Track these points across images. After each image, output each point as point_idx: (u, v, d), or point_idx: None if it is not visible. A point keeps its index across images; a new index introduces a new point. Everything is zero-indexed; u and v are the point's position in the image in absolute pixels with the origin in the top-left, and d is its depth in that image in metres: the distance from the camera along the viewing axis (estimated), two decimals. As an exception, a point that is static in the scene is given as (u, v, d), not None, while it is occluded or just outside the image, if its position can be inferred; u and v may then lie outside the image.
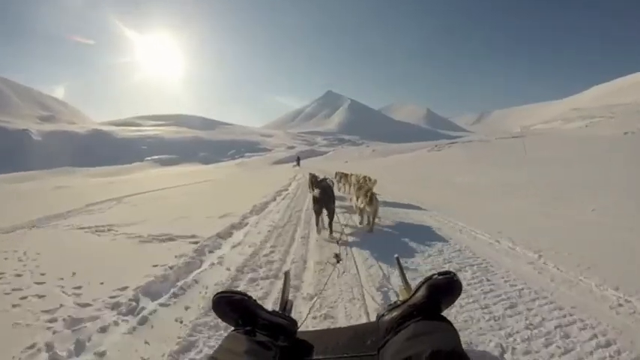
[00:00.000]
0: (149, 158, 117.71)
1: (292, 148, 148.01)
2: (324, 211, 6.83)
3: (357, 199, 7.41)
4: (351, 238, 6.37)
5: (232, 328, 1.48)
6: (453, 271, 1.49)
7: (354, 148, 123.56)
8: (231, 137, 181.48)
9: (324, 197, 6.78)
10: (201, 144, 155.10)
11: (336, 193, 8.77)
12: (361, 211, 7.35)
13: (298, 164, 46.77)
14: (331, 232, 6.59)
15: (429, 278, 1.45)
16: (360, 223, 7.47)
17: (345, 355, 1.38)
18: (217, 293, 1.55)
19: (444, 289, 1.42)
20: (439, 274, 1.46)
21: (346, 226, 7.36)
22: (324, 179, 9.18)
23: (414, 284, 1.65)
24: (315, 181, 9.89)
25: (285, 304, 1.90)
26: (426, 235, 6.32)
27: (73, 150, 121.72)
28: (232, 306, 1.51)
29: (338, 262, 4.13)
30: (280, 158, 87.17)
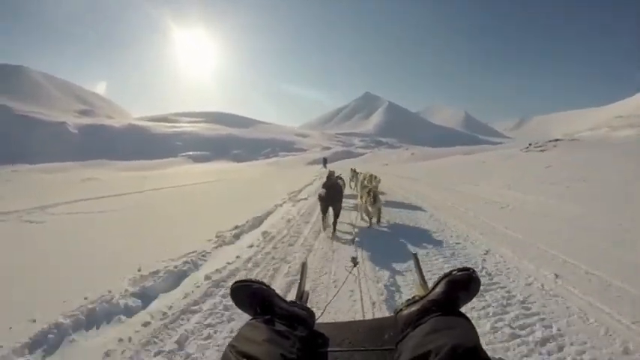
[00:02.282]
0: (183, 154, 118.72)
1: (328, 149, 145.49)
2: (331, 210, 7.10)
3: (361, 198, 7.95)
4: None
5: (250, 317, 1.47)
6: (472, 267, 1.49)
7: (392, 150, 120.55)
8: (267, 136, 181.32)
9: (329, 196, 7.00)
10: (236, 142, 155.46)
11: (349, 191, 9.47)
12: (366, 211, 7.81)
13: (325, 166, 47.43)
14: (334, 230, 6.85)
15: (448, 274, 1.46)
16: (362, 219, 8.05)
17: (363, 348, 1.40)
18: (235, 282, 1.56)
19: (463, 285, 1.43)
20: (458, 270, 1.47)
21: (354, 227, 7.48)
22: (334, 176, 9.40)
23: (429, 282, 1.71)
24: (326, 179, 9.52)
25: (302, 295, 1.85)
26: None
27: (108, 144, 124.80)
28: (251, 295, 1.52)
29: (355, 265, 3.47)
30: (315, 159, 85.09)
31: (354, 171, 15.06)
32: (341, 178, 9.72)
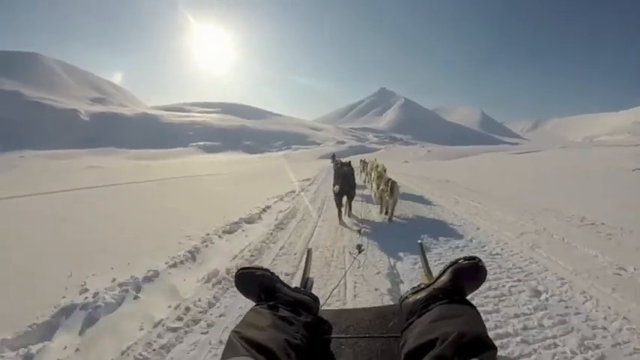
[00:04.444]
0: (193, 144, 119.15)
1: (342, 143, 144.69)
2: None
3: (378, 188, 7.98)
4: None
5: (254, 303, 1.49)
6: (478, 257, 1.48)
7: (407, 147, 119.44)
8: (280, 128, 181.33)
9: (342, 189, 7.21)
10: (248, 133, 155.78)
11: (358, 182, 8.92)
12: (381, 200, 7.84)
13: (333, 162, 46.42)
14: (350, 210, 7.83)
15: (455, 262, 1.46)
16: (380, 212, 7.97)
17: (368, 335, 1.42)
18: (240, 269, 1.56)
19: (469, 273, 1.42)
20: (464, 259, 1.45)
21: (362, 221, 7.39)
22: (346, 164, 8.92)
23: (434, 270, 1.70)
24: (335, 167, 9.05)
25: (306, 282, 1.85)
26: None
27: (119, 132, 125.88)
28: (255, 281, 1.55)
29: (360, 252, 3.73)
30: (327, 152, 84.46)
31: (363, 162, 15.01)
32: (349, 165, 9.38)
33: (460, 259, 1.45)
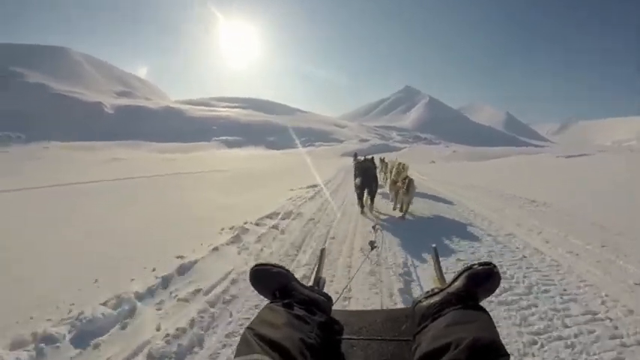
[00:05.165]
0: (216, 139, 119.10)
1: (366, 141, 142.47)
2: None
3: (395, 184, 8.08)
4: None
5: (269, 300, 1.50)
6: (493, 262, 1.49)
7: (431, 147, 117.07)
8: (304, 124, 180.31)
9: (364, 182, 7.81)
10: (271, 129, 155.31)
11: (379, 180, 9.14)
12: (396, 196, 7.98)
13: (355, 160, 46.87)
14: (372, 206, 8.03)
15: (469, 268, 1.47)
16: (394, 208, 8.21)
17: (380, 337, 1.42)
18: (255, 265, 1.58)
19: (484, 279, 1.43)
20: (479, 264, 1.47)
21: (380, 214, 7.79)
22: (369, 160, 9.26)
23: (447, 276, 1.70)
24: (357, 164, 9.27)
25: (319, 281, 1.86)
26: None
27: (143, 125, 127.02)
28: (270, 278, 1.55)
29: (373, 249, 3.75)
30: (350, 150, 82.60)
31: (382, 161, 14.93)
32: (372, 161, 9.57)
33: (475, 264, 1.45)
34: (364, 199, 8.02)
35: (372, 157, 9.66)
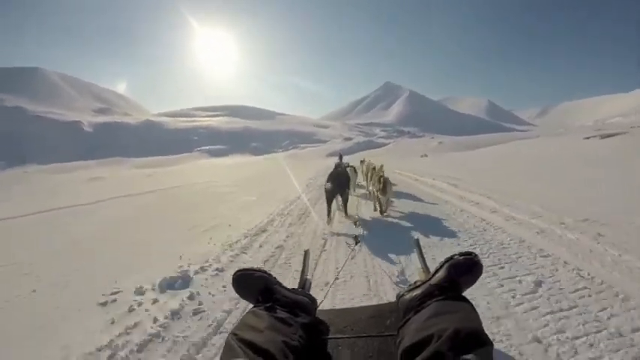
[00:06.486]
0: (198, 149, 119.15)
1: (349, 139, 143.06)
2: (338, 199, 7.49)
3: (373, 186, 8.12)
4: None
5: (252, 305, 1.52)
6: (474, 252, 1.51)
7: (416, 140, 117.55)
8: (285, 127, 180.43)
9: (334, 188, 7.10)
10: (254, 134, 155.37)
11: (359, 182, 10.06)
12: (375, 198, 7.90)
13: (340, 160, 46.46)
14: (346, 213, 7.49)
15: (450, 259, 1.50)
16: (374, 209, 8.05)
17: (365, 334, 1.45)
18: (238, 270, 1.60)
19: (465, 269, 1.45)
20: (460, 254, 1.50)
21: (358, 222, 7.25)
22: (342, 166, 9.47)
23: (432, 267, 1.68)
24: (332, 170, 9.01)
25: (304, 283, 1.93)
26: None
27: (124, 141, 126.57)
28: (253, 283, 1.57)
29: (357, 243, 4.31)
30: (335, 150, 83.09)
31: (362, 162, 14.91)
32: (352, 167, 9.92)
33: (456, 254, 1.48)
34: (337, 206, 7.52)
35: (348, 164, 10.23)
